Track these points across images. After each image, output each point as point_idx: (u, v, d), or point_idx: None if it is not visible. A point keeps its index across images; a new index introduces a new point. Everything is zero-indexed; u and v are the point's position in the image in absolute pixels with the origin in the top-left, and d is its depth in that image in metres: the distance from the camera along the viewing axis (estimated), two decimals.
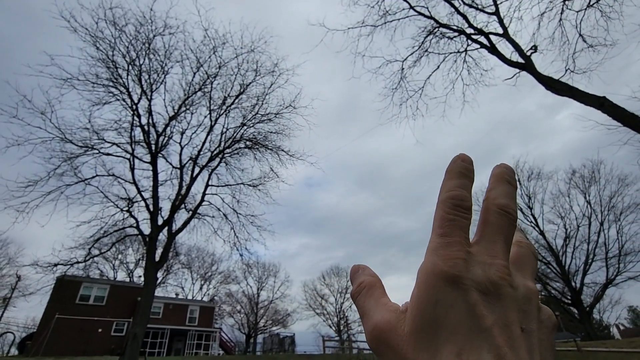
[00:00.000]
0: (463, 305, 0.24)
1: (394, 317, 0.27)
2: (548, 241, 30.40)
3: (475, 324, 0.24)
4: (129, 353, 12.08)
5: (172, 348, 30.21)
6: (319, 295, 48.62)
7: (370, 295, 0.30)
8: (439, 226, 0.28)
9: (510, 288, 0.27)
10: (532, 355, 0.25)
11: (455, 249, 0.27)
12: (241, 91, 17.15)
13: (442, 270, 0.25)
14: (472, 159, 0.33)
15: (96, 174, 14.90)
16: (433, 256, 0.27)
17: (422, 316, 0.25)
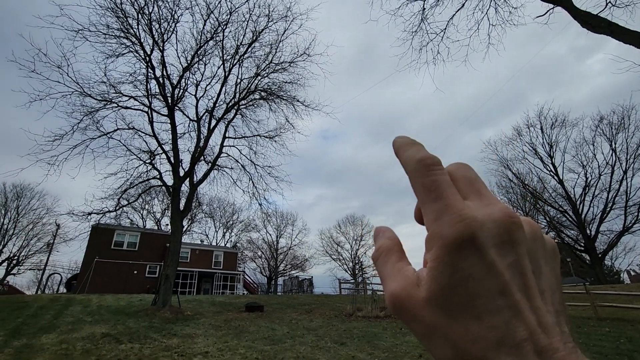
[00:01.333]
0: (481, 268, 0.24)
1: (410, 284, 0.26)
2: (566, 190, 29.96)
3: (494, 284, 0.24)
4: (163, 292, 13.37)
5: (201, 288, 33.03)
6: (335, 242, 50.86)
7: (388, 259, 0.30)
8: (427, 192, 0.27)
9: (520, 230, 0.27)
10: (543, 296, 0.25)
11: (458, 208, 0.26)
12: (254, 39, 16.55)
13: (454, 236, 0.24)
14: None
15: (117, 128, 15.30)
16: (439, 225, 0.25)
17: (440, 285, 0.24)
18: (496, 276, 0.24)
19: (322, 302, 17.38)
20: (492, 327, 0.23)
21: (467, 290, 0.24)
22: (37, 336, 8.42)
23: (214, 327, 10.28)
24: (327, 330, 10.05)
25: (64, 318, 10.79)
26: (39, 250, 39.32)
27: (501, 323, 0.23)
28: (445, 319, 0.24)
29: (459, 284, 0.24)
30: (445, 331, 0.24)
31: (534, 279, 0.25)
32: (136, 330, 9.30)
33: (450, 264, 0.24)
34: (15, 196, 38.19)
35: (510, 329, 0.23)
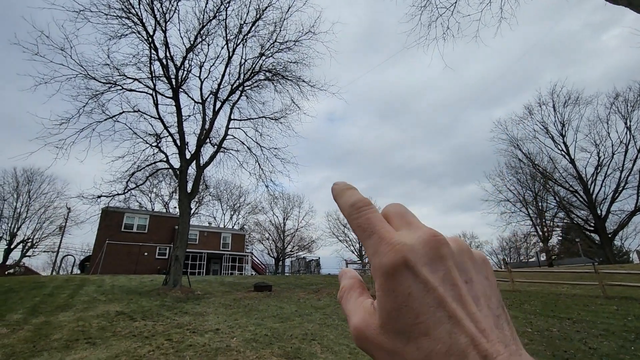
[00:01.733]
0: (417, 287, 0.26)
1: (368, 314, 0.28)
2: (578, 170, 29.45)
3: (432, 298, 0.25)
4: (173, 272, 13.65)
5: (210, 269, 33.76)
6: (341, 224, 51.13)
7: (350, 297, 0.32)
8: (362, 231, 0.30)
9: (446, 246, 0.29)
10: (478, 303, 0.27)
11: (389, 238, 0.28)
12: (257, 17, 16.12)
13: (389, 264, 0.27)
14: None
15: (122, 111, 15.26)
16: (376, 257, 0.28)
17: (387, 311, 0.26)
18: (431, 291, 0.26)
19: (329, 282, 17.64)
20: (438, 339, 0.24)
21: (411, 310, 0.25)
22: (54, 314, 8.70)
23: (224, 305, 10.52)
24: (335, 308, 10.22)
25: (79, 297, 11.13)
26: (52, 233, 40.34)
27: (445, 334, 0.24)
28: (400, 342, 0.25)
29: (402, 305, 0.26)
30: (403, 353, 0.25)
31: (465, 288, 0.27)
32: (149, 309, 9.56)
33: (391, 289, 0.26)
34: (26, 180, 38.87)
35: (454, 339, 0.24)
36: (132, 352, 5.74)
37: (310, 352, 5.96)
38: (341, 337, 6.96)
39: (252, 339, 6.65)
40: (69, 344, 6.24)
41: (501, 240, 52.49)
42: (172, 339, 6.57)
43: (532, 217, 34.05)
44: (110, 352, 5.73)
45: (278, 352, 5.86)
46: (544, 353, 6.16)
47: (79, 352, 5.73)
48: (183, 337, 6.69)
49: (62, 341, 6.39)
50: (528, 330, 7.80)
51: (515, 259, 50.46)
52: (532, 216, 34.11)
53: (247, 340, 6.55)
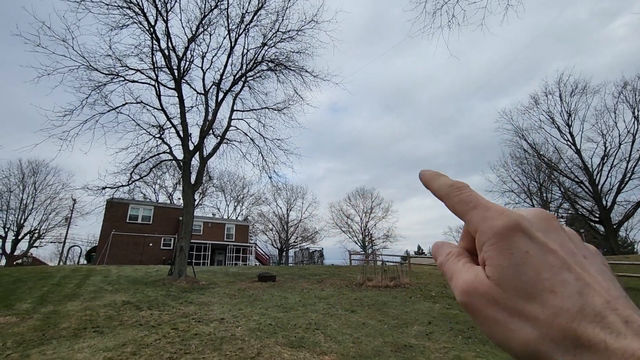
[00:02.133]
0: (535, 247, 0.26)
1: (481, 274, 0.28)
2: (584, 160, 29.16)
3: (554, 259, 0.25)
4: (178, 263, 13.79)
5: (214, 259, 34.10)
6: (345, 215, 51.34)
7: (458, 260, 0.32)
8: (466, 204, 0.31)
9: (557, 221, 0.29)
10: (603, 275, 0.26)
11: (496, 207, 0.29)
12: (259, 6, 15.90)
13: (501, 225, 0.27)
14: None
15: (125, 102, 15.23)
16: (485, 222, 0.28)
17: (503, 267, 0.26)
18: (552, 252, 0.26)
19: (333, 273, 17.77)
20: (567, 297, 0.23)
21: (531, 267, 0.25)
22: (62, 303, 8.85)
23: (229, 295, 10.64)
24: (338, 298, 10.31)
25: (86, 287, 11.30)
26: (58, 224, 40.80)
27: (575, 293, 0.24)
28: (520, 298, 0.25)
29: (521, 262, 0.26)
30: (522, 311, 0.25)
31: (585, 261, 0.27)
32: (155, 299, 9.69)
33: (506, 247, 0.26)
34: (32, 172, 39.18)
35: (586, 299, 0.23)
36: (138, 340, 5.83)
37: (314, 341, 6.03)
38: (344, 327, 7.03)
39: (257, 328, 6.73)
40: (77, 332, 6.35)
41: None
42: (177, 328, 6.67)
43: (537, 208, 33.86)
44: (118, 340, 5.83)
45: (282, 341, 5.93)
46: None
47: (87, 341, 5.83)
48: (189, 326, 6.79)
49: (70, 330, 6.51)
50: None
51: None
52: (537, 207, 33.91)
53: (251, 330, 6.64)
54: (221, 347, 5.51)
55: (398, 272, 13.95)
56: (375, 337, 6.35)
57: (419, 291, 11.61)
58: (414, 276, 15.23)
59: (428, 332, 6.81)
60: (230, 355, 5.19)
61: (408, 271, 16.04)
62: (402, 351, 5.60)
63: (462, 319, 7.90)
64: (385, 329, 7.03)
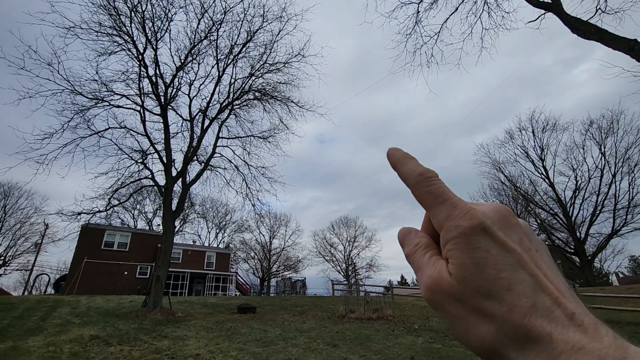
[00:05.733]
0: (496, 247, 0.27)
1: (444, 269, 0.29)
2: (557, 193, 30.35)
3: (511, 258, 0.27)
4: (154, 293, 13.19)
5: (192, 289, 32.70)
6: (328, 244, 50.78)
7: (425, 253, 0.33)
8: (433, 198, 0.32)
9: (515, 217, 0.31)
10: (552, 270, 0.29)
11: (462, 204, 0.30)
12: (248, 39, 16.47)
13: (466, 225, 0.28)
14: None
15: (108, 127, 15.09)
16: (451, 220, 0.29)
17: (465, 265, 0.27)
18: (511, 251, 0.27)
19: (315, 304, 17.32)
20: (521, 294, 0.25)
21: (491, 265, 0.27)
22: (23, 338, 8.23)
23: (206, 328, 10.17)
24: (320, 332, 10.01)
25: (52, 320, 10.58)
26: (26, 251, 38.61)
27: (529, 290, 0.25)
28: (479, 295, 0.27)
29: (482, 260, 0.27)
30: (481, 308, 0.26)
31: (538, 256, 0.29)
32: (126, 332, 9.16)
33: (469, 246, 0.28)
34: (3, 195, 37.46)
35: (538, 295, 0.25)
36: None
37: None
38: None
39: None
40: None
41: None
42: None
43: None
44: None
45: None
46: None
47: None
48: None
49: None
50: None
51: None
52: None
53: None
54: None
55: (381, 303, 13.75)
56: None
57: (402, 324, 11.44)
58: (397, 307, 15.03)
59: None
60: None
61: (391, 302, 15.84)
62: None
63: (444, 354, 7.79)
64: None
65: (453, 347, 8.35)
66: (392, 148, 0.38)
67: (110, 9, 13.82)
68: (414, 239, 0.35)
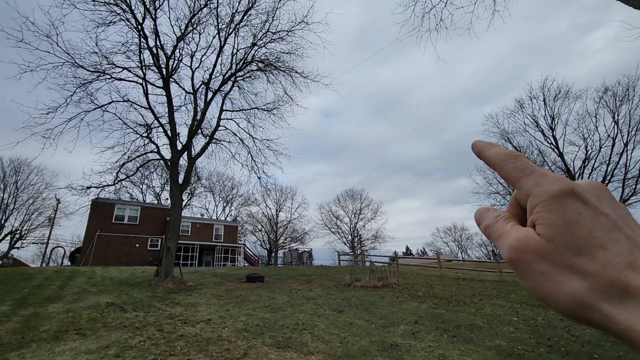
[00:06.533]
0: (588, 209, 0.27)
1: (531, 231, 0.29)
2: (566, 163, 29.92)
3: (606, 221, 0.27)
4: (165, 264, 13.61)
5: (202, 260, 33.71)
6: (334, 216, 51.41)
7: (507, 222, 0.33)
8: (522, 170, 0.32)
9: (609, 191, 0.31)
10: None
11: (551, 174, 0.30)
12: (250, 6, 15.86)
13: (556, 188, 0.28)
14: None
15: (112, 100, 14.99)
16: (540, 187, 0.29)
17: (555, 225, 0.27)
18: (604, 215, 0.27)
19: (321, 273, 17.78)
20: (618, 253, 0.25)
21: (583, 225, 0.26)
22: (43, 305, 8.64)
23: (216, 296, 10.55)
24: (326, 299, 10.33)
25: (69, 289, 11.04)
26: (41, 225, 39.78)
27: (625, 250, 0.25)
28: (570, 253, 0.26)
29: (573, 220, 0.27)
30: (571, 264, 0.26)
31: (635, 225, 0.28)
32: (140, 300, 9.55)
33: (559, 207, 0.27)
34: (13, 171, 38.10)
35: (637, 256, 0.25)
36: (122, 342, 5.74)
37: (301, 341, 6.04)
38: (332, 327, 7.05)
39: (244, 329, 6.70)
40: (59, 335, 6.21)
41: None
42: (163, 329, 6.59)
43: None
44: (101, 342, 5.73)
45: (269, 342, 5.92)
46: (528, 340, 6.34)
47: (69, 343, 5.71)
48: (174, 328, 6.72)
49: (51, 332, 6.36)
50: (514, 319, 7.99)
51: None
52: None
53: (238, 330, 6.61)
54: (207, 349, 5.48)
55: (386, 272, 14.06)
56: (362, 337, 6.39)
57: (406, 291, 11.73)
58: (401, 276, 15.36)
59: (414, 332, 6.88)
60: (217, 356, 5.16)
61: (396, 272, 16.18)
62: (388, 350, 5.66)
63: (447, 318, 8.02)
64: (372, 328, 7.09)
65: (456, 312, 8.59)
66: (477, 140, 0.39)
67: None
68: (493, 214, 0.35)
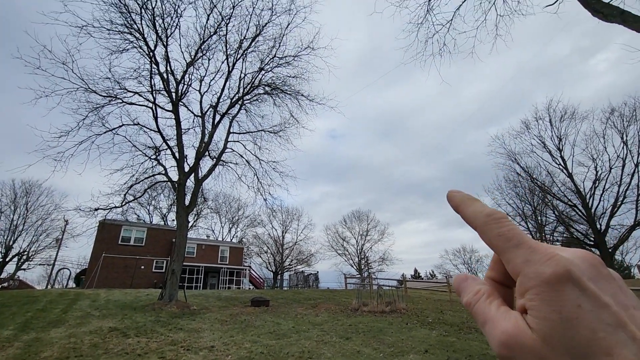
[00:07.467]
0: (588, 300, 0.23)
1: (522, 324, 0.25)
2: (576, 184, 29.47)
3: (608, 315, 0.23)
4: (169, 287, 13.45)
5: (207, 283, 33.29)
6: (340, 237, 50.81)
7: (491, 302, 0.29)
8: (507, 240, 0.28)
9: (605, 267, 0.27)
10: None
11: (542, 248, 0.26)
12: (257, 33, 16.41)
13: (550, 272, 0.24)
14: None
15: (122, 124, 15.34)
16: (531, 266, 0.26)
17: (552, 322, 0.23)
18: (606, 307, 0.23)
19: (328, 297, 17.38)
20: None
21: (584, 324, 0.23)
22: (46, 330, 8.52)
23: (220, 321, 10.32)
24: (333, 324, 10.03)
25: (73, 312, 10.92)
26: (48, 246, 39.89)
27: (633, 356, 0.22)
28: (570, 358, 0.23)
29: (572, 317, 0.23)
30: None
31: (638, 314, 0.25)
32: (143, 325, 9.37)
33: (555, 298, 0.24)
34: (24, 193, 38.70)
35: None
36: None
37: None
38: (338, 356, 6.80)
39: (247, 357, 6.49)
40: None
41: None
42: (165, 356, 6.42)
43: (532, 231, 33.88)
44: None
45: None
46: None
47: None
48: (176, 355, 6.54)
49: (52, 359, 6.23)
50: None
51: None
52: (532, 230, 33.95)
53: (242, 358, 6.40)
54: None
55: (394, 296, 13.69)
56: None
57: (415, 317, 11.36)
58: (410, 301, 14.94)
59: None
60: None
61: (404, 296, 15.75)
62: None
63: (459, 347, 7.69)
64: (381, 357, 6.81)
65: (468, 341, 8.25)
66: (453, 190, 0.35)
67: (121, 6, 13.96)
68: (473, 286, 0.32)
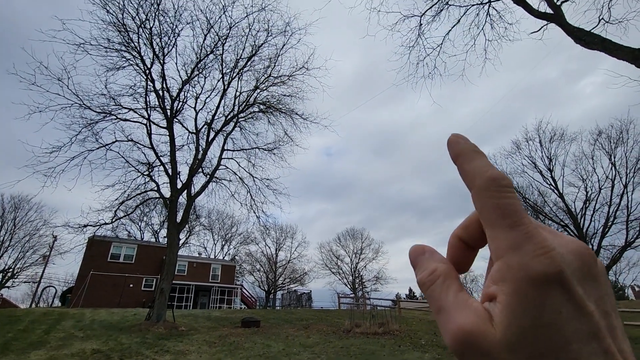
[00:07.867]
0: (570, 308, 0.21)
1: (482, 320, 0.22)
2: (567, 204, 29.79)
3: (586, 326, 0.21)
4: (157, 306, 13.10)
5: (197, 302, 32.48)
6: (334, 256, 50.24)
7: (448, 287, 0.25)
8: (502, 217, 0.24)
9: (596, 263, 0.24)
10: (624, 338, 0.23)
11: (540, 238, 0.23)
12: (253, 53, 16.75)
13: (540, 270, 0.21)
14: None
15: (116, 140, 15.31)
16: (518, 255, 0.22)
17: (522, 327, 0.21)
18: (587, 317, 0.21)
19: (320, 317, 17.04)
20: None
21: (560, 332, 0.21)
22: (25, 352, 8.20)
23: (208, 343, 10.03)
24: (324, 347, 9.80)
25: (55, 333, 10.55)
26: (34, 263, 38.86)
27: None
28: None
29: (549, 324, 0.21)
30: None
31: (616, 323, 0.23)
32: (128, 347, 9.07)
33: (536, 302, 0.21)
34: (13, 208, 37.99)
35: None
36: None
37: None
38: None
39: None
40: None
41: None
42: None
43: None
44: None
45: None
46: None
47: None
48: None
49: None
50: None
51: None
52: None
53: None
54: None
55: (387, 317, 13.47)
56: None
57: (408, 339, 11.15)
58: (403, 322, 14.70)
59: None
60: None
61: (398, 316, 15.51)
62: None
63: None
64: None
65: None
66: (456, 135, 0.29)
67: (119, 25, 14.20)
68: (430, 263, 0.27)
